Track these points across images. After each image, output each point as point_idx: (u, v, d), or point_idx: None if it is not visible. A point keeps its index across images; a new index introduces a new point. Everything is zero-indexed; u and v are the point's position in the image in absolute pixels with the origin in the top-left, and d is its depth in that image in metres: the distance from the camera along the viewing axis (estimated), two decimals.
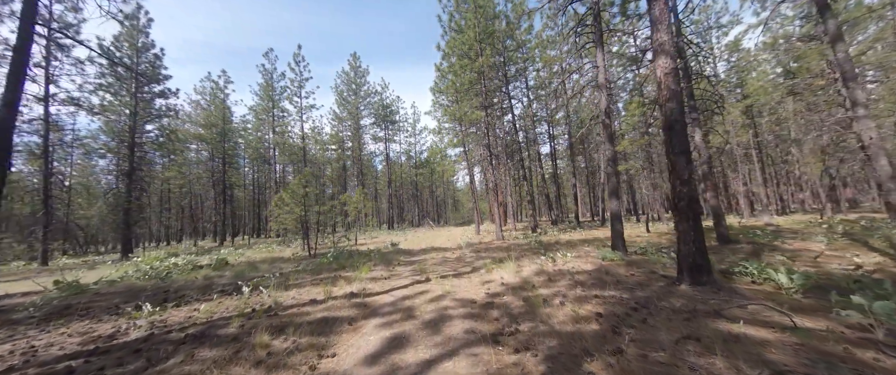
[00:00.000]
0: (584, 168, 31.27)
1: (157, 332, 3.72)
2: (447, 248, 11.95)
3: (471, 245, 12.43)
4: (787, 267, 4.61)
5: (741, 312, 3.31)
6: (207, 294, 5.77)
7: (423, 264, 8.25)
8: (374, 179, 47.27)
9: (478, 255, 9.30)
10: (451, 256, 9.60)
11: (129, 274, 8.39)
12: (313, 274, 7.33)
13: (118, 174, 18.14)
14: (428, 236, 19.62)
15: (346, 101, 35.79)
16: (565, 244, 10.92)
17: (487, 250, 10.48)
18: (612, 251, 6.82)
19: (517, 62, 18.45)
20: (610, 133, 7.30)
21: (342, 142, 38.29)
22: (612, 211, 7.04)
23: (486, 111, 13.55)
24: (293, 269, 8.00)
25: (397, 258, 9.72)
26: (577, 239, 12.18)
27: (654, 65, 4.57)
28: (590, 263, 6.55)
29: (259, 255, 12.47)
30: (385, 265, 8.44)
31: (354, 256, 10.52)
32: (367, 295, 5.12)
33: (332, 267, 8.40)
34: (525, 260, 7.64)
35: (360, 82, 35.81)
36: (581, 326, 3.24)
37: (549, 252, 8.77)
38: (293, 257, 11.04)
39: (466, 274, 6.57)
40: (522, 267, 6.69)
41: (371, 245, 14.94)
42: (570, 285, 4.91)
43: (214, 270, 8.83)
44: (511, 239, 13.73)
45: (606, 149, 7.26)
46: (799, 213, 22.99)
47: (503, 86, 16.46)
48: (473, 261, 8.23)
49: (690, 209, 4.25)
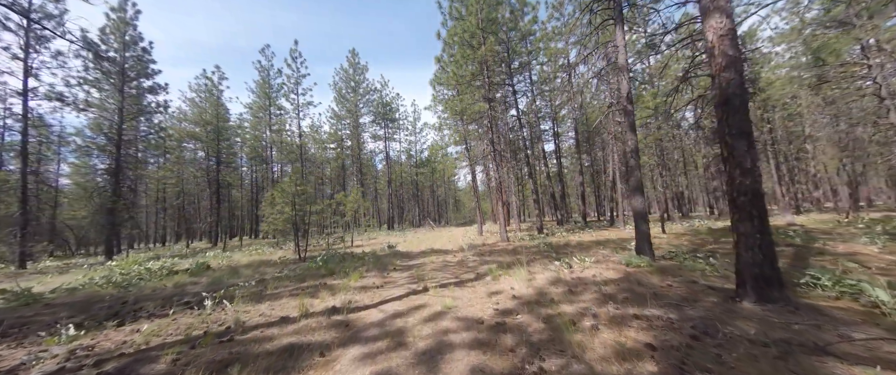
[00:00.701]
0: (589, 166, 30.35)
1: (70, 367, 2.86)
2: (448, 251, 11.08)
3: (473, 247, 11.56)
4: (870, 278, 3.71)
5: (852, 347, 2.42)
6: (167, 307, 4.92)
7: (421, 269, 7.38)
8: (374, 179, 46.48)
9: (482, 259, 8.42)
10: (453, 260, 8.73)
11: (96, 280, 7.56)
12: (297, 282, 6.47)
13: (104, 173, 17.35)
14: (428, 237, 18.76)
15: (345, 99, 34.97)
16: (577, 246, 10.03)
17: (492, 253, 9.60)
18: (638, 255, 5.93)
19: (521, 54, 17.57)
20: (631, 121, 6.41)
21: (341, 141, 37.48)
22: (635, 209, 6.15)
23: (490, 104, 12.67)
24: (275, 275, 7.15)
25: (393, 262, 8.85)
26: (588, 241, 11.28)
27: (705, 27, 3.69)
28: (613, 270, 5.67)
29: (247, 259, 11.64)
30: (379, 270, 7.57)
31: (348, 260, 9.66)
32: (351, 310, 4.26)
33: (319, 272, 7.54)
34: (536, 265, 6.76)
35: (358, 79, 34.99)
36: (632, 366, 2.36)
37: (562, 255, 7.89)
38: (281, 261, 10.20)
39: (470, 282, 5.70)
40: (535, 274, 5.80)
41: (368, 247, 14.09)
42: (597, 299, 4.03)
43: (191, 276, 7.99)
44: (516, 241, 12.85)
45: (629, 139, 6.37)
46: (815, 212, 21.94)
47: (507, 80, 15.57)
48: (477, 266, 7.36)
49: (754, 205, 3.36)
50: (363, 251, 12.11)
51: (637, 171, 6.24)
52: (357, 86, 34.89)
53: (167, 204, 28.08)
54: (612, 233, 13.35)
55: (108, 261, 14.38)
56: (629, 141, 6.38)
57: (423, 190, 49.86)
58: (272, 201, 11.61)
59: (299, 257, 10.53)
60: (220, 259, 11.82)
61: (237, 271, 8.47)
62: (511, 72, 15.84)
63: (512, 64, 15.92)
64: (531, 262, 7.21)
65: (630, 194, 6.25)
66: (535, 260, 7.44)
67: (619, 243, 9.87)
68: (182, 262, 11.03)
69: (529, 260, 7.67)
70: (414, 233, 23.15)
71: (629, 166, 6.28)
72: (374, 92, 36.54)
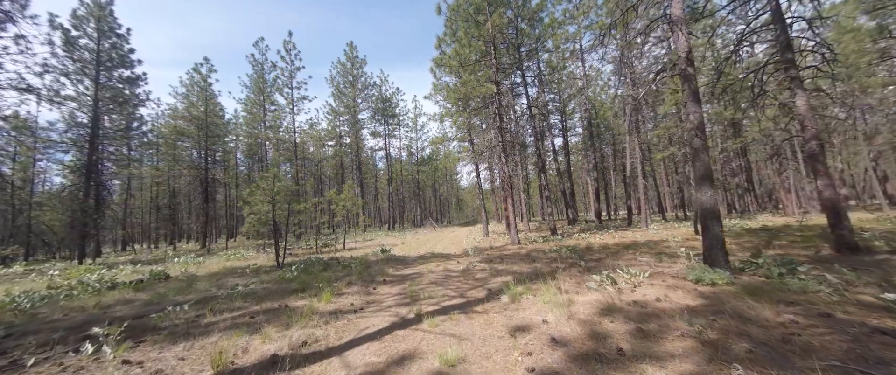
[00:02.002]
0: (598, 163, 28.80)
1: None
2: (450, 256, 9.53)
3: (480, 251, 9.99)
4: None
5: None
6: (48, 347, 3.41)
7: (416, 282, 5.84)
8: (375, 177, 45.02)
9: (492, 267, 6.86)
10: (456, 268, 7.18)
11: (12, 295, 6.09)
12: (252, 302, 4.96)
13: (74, 171, 15.97)
14: (429, 238, 17.23)
15: (343, 94, 33.50)
16: (603, 251, 8.43)
17: (503, 259, 8.03)
18: (711, 268, 4.33)
19: (531, 39, 15.93)
20: (693, 88, 4.82)
21: (340, 138, 36.05)
22: (704, 205, 4.56)
23: (498, 87, 11.10)
24: (231, 292, 5.63)
25: (385, 271, 7.31)
26: (613, 244, 9.68)
27: None
28: (682, 290, 4.08)
29: (219, 265, 10.15)
30: (363, 284, 6.03)
31: (332, 267, 8.15)
32: (298, 364, 2.72)
33: (289, 286, 6.02)
34: (566, 279, 5.18)
35: (357, 73, 33.51)
36: None
37: (594, 264, 6.30)
38: (252, 269, 8.69)
39: (480, 305, 4.14)
40: (571, 295, 4.23)
41: (361, 250, 12.58)
42: (696, 351, 2.45)
43: (134, 290, 6.50)
44: (528, 244, 11.26)
45: (691, 111, 4.78)
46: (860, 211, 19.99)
47: (516, 64, 13.95)
48: (487, 278, 5.80)
49: None
50: (353, 256, 10.59)
51: (704, 154, 4.64)
52: (355, 81, 33.42)
53: (159, 204, 26.78)
54: (637, 234, 11.73)
55: (79, 266, 13.01)
56: (692, 113, 4.79)
57: (424, 189, 48.35)
58: (252, 195, 10.12)
59: (277, 263, 9.03)
60: (188, 265, 10.34)
61: (193, 284, 6.97)
62: (520, 58, 14.21)
63: (521, 49, 14.29)
64: (556, 273, 5.63)
65: (697, 184, 4.65)
66: (560, 271, 5.86)
67: (656, 247, 8.26)
68: (145, 269, 9.57)
69: (551, 268, 6.09)
70: (414, 234, 21.63)
71: (694, 148, 4.68)
72: (372, 87, 35.07)
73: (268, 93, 29.37)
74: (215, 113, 25.52)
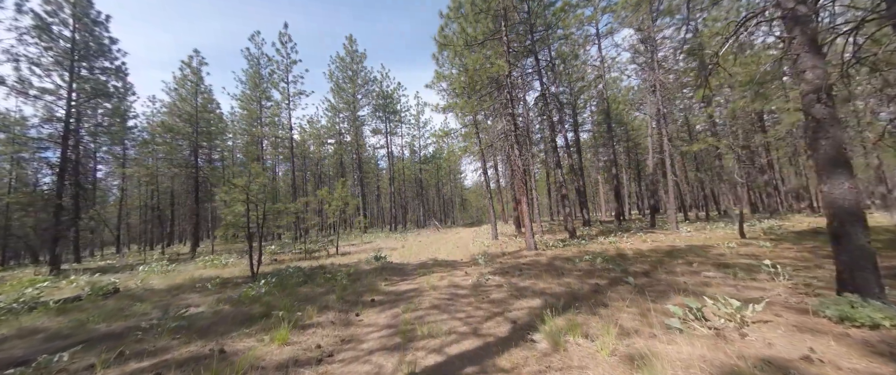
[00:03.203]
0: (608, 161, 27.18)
1: None
2: (456, 264, 8.08)
3: (490, 257, 8.53)
4: None
5: None
6: None
7: (412, 305, 4.41)
8: (376, 177, 43.71)
9: (510, 283, 5.40)
10: (465, 283, 5.73)
11: None
12: (182, 339, 3.56)
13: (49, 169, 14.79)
14: (432, 241, 15.80)
15: (342, 90, 32.18)
16: (641, 259, 6.93)
17: (522, 271, 6.57)
18: (861, 298, 2.82)
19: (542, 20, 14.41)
20: (810, 34, 3.33)
21: (340, 135, 34.79)
22: (834, 201, 3.08)
23: (510, 67, 9.63)
24: (160, 323, 4.23)
25: (376, 285, 5.89)
26: (649, 250, 8.16)
27: None
28: (822, 332, 2.59)
29: (187, 275, 8.81)
30: (343, 307, 4.61)
31: (314, 279, 6.75)
32: None
33: (249, 310, 4.62)
34: (623, 308, 3.70)
35: (356, 68, 32.19)
36: None
37: (645, 281, 4.82)
38: (220, 282, 7.31)
39: (505, 353, 2.68)
40: (645, 340, 2.75)
41: (355, 255, 11.18)
42: None
43: (57, 312, 5.15)
44: (547, 249, 9.77)
45: (807, 67, 3.30)
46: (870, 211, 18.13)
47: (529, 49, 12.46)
48: (507, 301, 4.35)
49: None
50: (345, 262, 9.18)
51: (834, 127, 3.15)
52: (355, 76, 32.10)
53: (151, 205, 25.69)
54: (671, 238, 10.18)
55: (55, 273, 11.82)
56: (809, 70, 3.29)
57: (427, 189, 46.99)
58: (226, 198, 8.76)
59: (252, 273, 7.65)
60: (152, 275, 9.01)
61: (136, 303, 5.60)
62: (534, 41, 12.70)
63: (533, 33, 12.77)
64: (602, 295, 4.17)
65: (824, 172, 3.16)
66: (605, 291, 4.39)
67: (707, 255, 6.73)
68: (104, 279, 8.26)
69: (593, 289, 4.62)
70: (416, 236, 20.22)
71: (817, 118, 3.18)
72: (373, 82, 33.73)
73: (264, 89, 28.16)
74: (208, 109, 24.32)
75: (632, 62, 19.54)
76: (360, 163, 33.29)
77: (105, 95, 16.10)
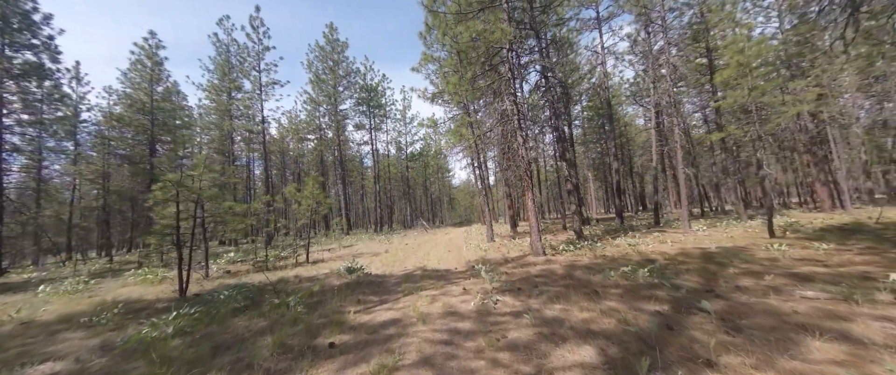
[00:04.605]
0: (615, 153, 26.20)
1: None
2: (450, 274, 6.50)
3: (492, 266, 6.98)
4: None
5: None
6: None
7: (388, 364, 2.78)
8: (361, 176, 41.53)
9: (528, 309, 3.84)
10: (465, 309, 4.14)
11: None
12: None
13: None
14: (420, 243, 14.15)
15: (322, 81, 29.95)
16: (683, 268, 5.54)
17: (537, 286, 5.04)
18: None
19: None
20: None
21: (320, 130, 32.54)
22: None
23: (511, 42, 8.12)
24: None
25: (341, 316, 4.22)
26: (678, 254, 6.83)
27: None
28: None
29: (97, 299, 6.84)
30: (282, 361, 2.93)
31: (259, 304, 5.01)
32: None
33: (122, 369, 2.88)
34: (733, 366, 2.19)
35: (337, 58, 30.02)
36: None
37: (723, 308, 3.37)
38: (133, 308, 5.45)
39: None
40: None
41: (328, 263, 9.41)
42: None
43: None
44: (557, 254, 8.30)
45: None
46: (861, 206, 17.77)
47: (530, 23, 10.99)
48: (538, 351, 2.79)
49: None
50: (312, 275, 7.42)
51: None
52: (336, 66, 29.93)
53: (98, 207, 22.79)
54: (689, 238, 8.93)
55: None
56: None
57: (415, 188, 45.20)
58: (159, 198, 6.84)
59: (181, 292, 5.81)
60: (54, 297, 6.97)
61: None
62: (534, 16, 11.22)
63: (534, 4, 11.30)
64: (678, 335, 2.69)
65: None
66: (680, 329, 2.91)
67: (753, 259, 5.40)
68: None
69: (661, 323, 3.12)
70: (402, 238, 18.52)
71: None
72: (355, 73, 31.65)
73: (234, 79, 25.68)
74: (170, 99, 21.73)
75: (630, 52, 18.51)
76: (343, 160, 31.15)
77: (38, 76, 13.59)
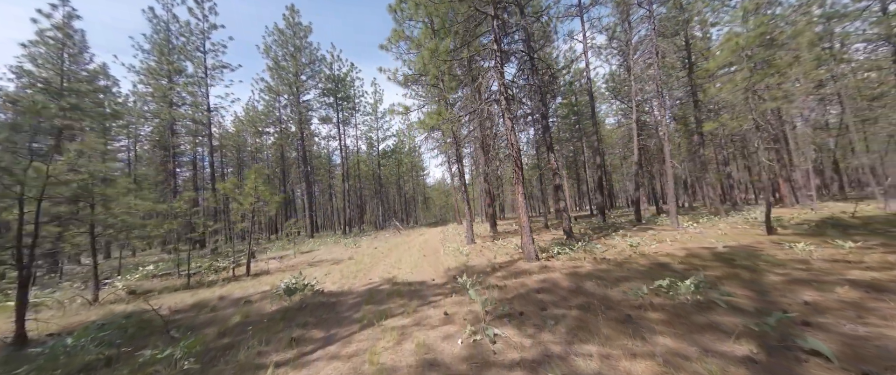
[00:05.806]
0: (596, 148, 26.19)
1: None
2: (425, 289, 5.04)
3: (477, 274, 5.61)
4: None
5: None
6: None
7: None
8: (329, 174, 38.71)
9: (543, 350, 2.50)
10: (448, 354, 2.72)
11: None
12: None
13: None
14: (391, 248, 12.52)
15: (282, 68, 27.11)
16: (711, 275, 4.52)
17: (545, 309, 3.74)
18: None
19: None
20: None
21: (281, 123, 29.60)
22: None
23: (496, 9, 6.83)
24: None
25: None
26: (689, 257, 5.89)
27: None
28: None
29: None
30: None
31: (143, 345, 3.23)
32: None
33: None
34: None
35: (299, 44, 27.34)
36: None
37: (782, 334, 2.22)
38: None
39: None
40: None
41: (272, 277, 7.57)
42: None
43: None
44: (552, 259, 7.10)
45: None
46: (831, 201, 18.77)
47: None
48: None
49: None
50: (244, 295, 5.63)
51: None
52: (297, 53, 27.25)
53: None
54: (686, 237, 8.18)
55: None
56: None
57: (387, 186, 43.07)
58: None
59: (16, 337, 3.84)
60: None
61: None
62: None
63: None
64: None
65: None
66: None
67: (773, 261, 4.49)
68: None
69: None
70: (372, 240, 16.75)
71: None
72: (320, 61, 29.11)
73: (174, 61, 22.30)
74: (87, 80, 18.15)
75: (608, 46, 18.10)
76: (307, 156, 28.46)
77: None
